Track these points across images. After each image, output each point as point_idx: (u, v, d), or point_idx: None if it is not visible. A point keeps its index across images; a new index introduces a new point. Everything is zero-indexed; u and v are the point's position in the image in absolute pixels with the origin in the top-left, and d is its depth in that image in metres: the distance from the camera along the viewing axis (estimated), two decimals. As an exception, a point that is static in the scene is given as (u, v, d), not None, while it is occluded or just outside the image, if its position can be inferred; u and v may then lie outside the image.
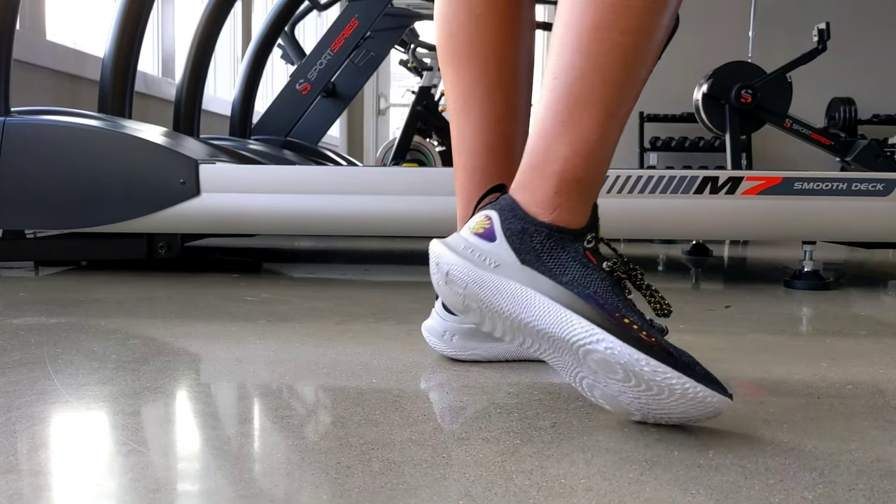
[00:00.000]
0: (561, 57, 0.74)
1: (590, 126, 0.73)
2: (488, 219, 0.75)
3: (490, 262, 0.73)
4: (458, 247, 0.75)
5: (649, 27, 0.73)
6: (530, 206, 0.74)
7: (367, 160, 6.79)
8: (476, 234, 0.75)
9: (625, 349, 0.66)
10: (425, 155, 4.15)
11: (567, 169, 0.73)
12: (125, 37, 2.00)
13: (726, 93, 3.13)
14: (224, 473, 0.60)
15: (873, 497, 0.57)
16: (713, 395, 0.66)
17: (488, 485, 0.58)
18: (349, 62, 3.13)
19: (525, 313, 0.71)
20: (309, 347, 1.04)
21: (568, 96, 0.73)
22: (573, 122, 0.73)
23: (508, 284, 0.72)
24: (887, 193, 1.67)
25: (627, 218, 1.68)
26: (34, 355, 0.96)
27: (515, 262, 0.73)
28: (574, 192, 0.74)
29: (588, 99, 0.73)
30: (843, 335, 1.20)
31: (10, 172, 1.66)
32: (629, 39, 0.72)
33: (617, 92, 0.73)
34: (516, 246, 0.73)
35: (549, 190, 0.74)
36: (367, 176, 1.72)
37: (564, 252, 0.72)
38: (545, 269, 0.72)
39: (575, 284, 0.71)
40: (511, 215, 0.74)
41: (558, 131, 0.74)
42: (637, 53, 0.73)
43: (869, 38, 6.32)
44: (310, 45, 3.26)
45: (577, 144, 0.73)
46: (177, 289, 1.54)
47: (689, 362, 0.67)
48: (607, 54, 0.72)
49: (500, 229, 0.74)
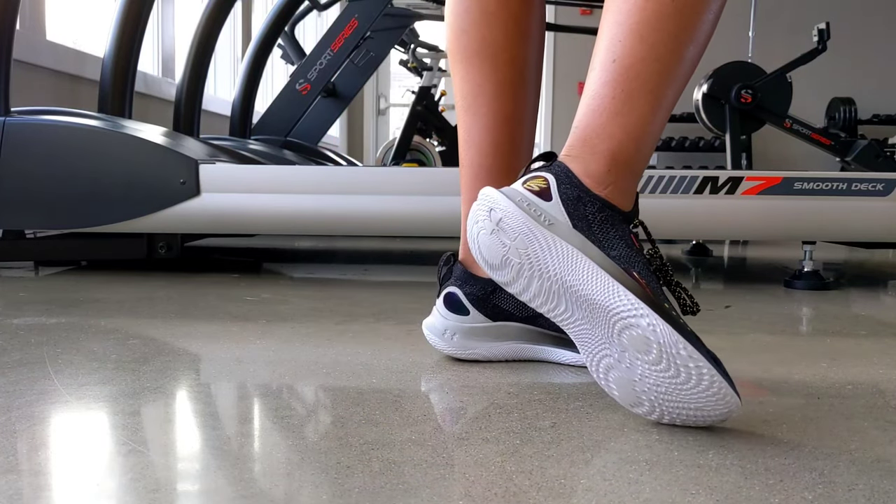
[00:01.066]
0: (620, 44, 0.75)
1: (644, 111, 0.75)
2: (545, 180, 0.75)
3: (545, 218, 0.74)
4: (515, 197, 0.75)
5: (702, 24, 0.75)
6: (584, 177, 0.75)
7: (367, 160, 6.79)
8: (531, 191, 0.75)
9: (667, 328, 0.66)
10: (425, 155, 4.15)
11: (620, 150, 0.75)
12: (125, 37, 2.00)
13: (726, 93, 3.13)
14: (224, 473, 0.60)
15: (873, 497, 0.57)
16: (732, 395, 0.67)
17: (488, 485, 0.58)
18: (349, 62, 3.13)
19: (572, 276, 0.71)
20: (309, 347, 1.04)
21: (627, 80, 0.75)
22: (630, 106, 0.75)
23: (560, 244, 0.72)
24: (887, 193, 1.67)
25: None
26: (34, 355, 0.96)
27: (568, 224, 0.73)
28: (624, 173, 0.75)
29: (645, 85, 0.74)
30: (843, 335, 1.20)
31: (10, 172, 1.66)
32: (686, 34, 0.74)
33: (671, 82, 0.75)
34: (571, 210, 0.74)
35: (602, 166, 0.75)
36: (367, 176, 1.72)
37: (613, 228, 0.73)
38: (595, 239, 0.73)
39: (622, 260, 0.71)
40: (567, 182, 0.75)
41: (615, 111, 0.75)
42: (692, 46, 0.75)
43: (869, 38, 6.32)
44: (310, 45, 3.26)
45: (630, 127, 0.75)
46: (177, 289, 1.54)
47: (717, 359, 0.68)
48: (667, 44, 0.74)
49: (557, 192, 0.75)
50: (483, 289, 0.94)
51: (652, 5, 0.74)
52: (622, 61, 0.75)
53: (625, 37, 0.75)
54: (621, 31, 0.75)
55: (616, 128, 0.75)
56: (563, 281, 0.72)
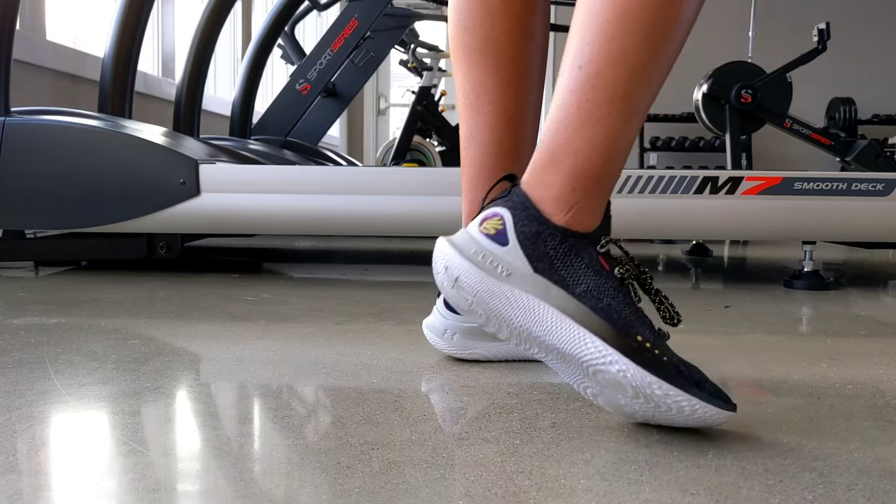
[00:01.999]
0: (588, 46, 0.71)
1: (612, 120, 0.71)
2: (501, 220, 0.72)
3: (502, 269, 0.71)
4: (469, 250, 0.72)
5: (675, 20, 0.71)
6: (545, 204, 0.72)
7: (367, 160, 6.79)
8: (487, 235, 0.72)
9: (637, 372, 0.65)
10: (425, 155, 4.15)
11: (586, 165, 0.71)
12: (125, 37, 2.00)
13: (726, 93, 3.13)
14: (224, 473, 0.60)
15: (873, 497, 0.57)
16: (719, 412, 0.66)
17: (488, 485, 0.58)
18: (349, 62, 3.13)
19: (536, 327, 0.69)
20: (309, 347, 1.04)
21: (593, 87, 0.70)
22: (597, 115, 0.71)
23: (521, 296, 0.70)
24: (887, 193, 1.67)
25: (627, 218, 1.67)
26: (34, 355, 0.96)
27: (528, 270, 0.70)
28: (591, 190, 0.72)
29: (614, 92, 0.70)
30: (843, 335, 1.20)
31: (10, 172, 1.66)
32: (657, 34, 0.70)
33: (642, 87, 0.71)
34: (529, 252, 0.71)
35: (565, 187, 0.71)
36: (367, 176, 1.72)
37: (578, 259, 0.70)
38: (559, 279, 0.70)
39: (589, 296, 0.69)
40: (525, 215, 0.72)
41: (580, 123, 0.71)
42: (666, 47, 0.71)
43: (869, 38, 6.32)
44: (310, 45, 3.26)
45: (598, 140, 0.71)
46: (177, 289, 1.54)
47: (699, 379, 0.67)
48: (637, 47, 0.70)
49: (513, 232, 0.72)
50: None
51: (619, 7, 0.70)
52: (589, 67, 0.71)
53: (592, 38, 0.71)
54: (589, 31, 0.71)
55: (582, 141, 0.71)
56: (529, 332, 0.70)
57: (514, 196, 0.73)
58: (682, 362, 0.68)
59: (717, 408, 0.66)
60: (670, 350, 0.69)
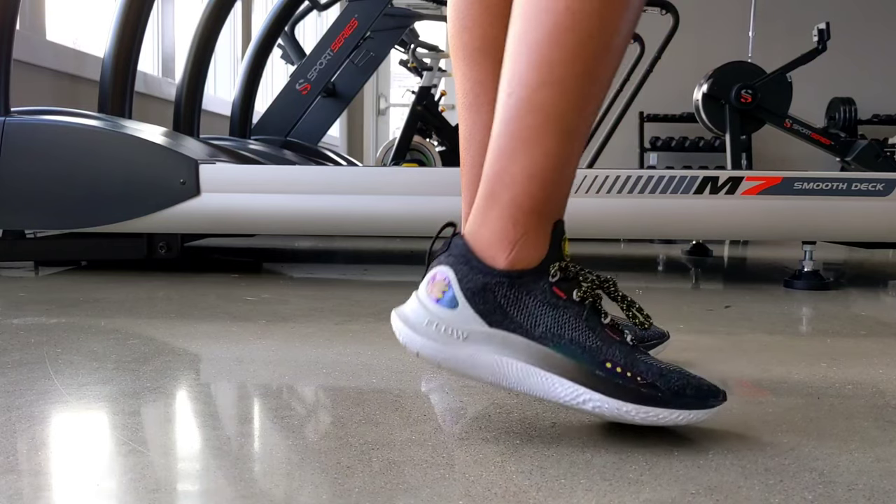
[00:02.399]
0: (516, 69, 0.68)
1: (548, 146, 0.67)
2: (446, 281, 0.69)
3: (458, 334, 0.68)
4: (422, 322, 0.69)
5: (610, 32, 0.67)
6: (486, 248, 0.69)
7: (367, 160, 6.79)
8: (436, 300, 0.69)
9: (612, 404, 0.66)
10: (425, 155, 4.14)
11: (525, 196, 0.68)
12: (125, 37, 2.00)
13: (726, 93, 3.13)
14: (224, 473, 0.60)
15: (873, 497, 0.57)
16: (703, 414, 0.67)
17: (488, 485, 0.58)
18: (349, 62, 3.13)
19: (506, 381, 0.69)
20: (309, 347, 1.04)
21: (525, 113, 0.67)
22: (532, 141, 0.67)
23: (482, 356, 0.68)
24: (887, 193, 1.67)
25: (627, 218, 1.68)
26: (34, 355, 0.96)
27: (484, 327, 0.68)
28: (533, 223, 0.69)
29: (548, 114, 0.67)
30: (843, 335, 1.20)
31: (10, 172, 1.66)
32: (590, 47, 0.66)
33: (577, 106, 0.68)
34: (480, 308, 0.68)
35: (506, 223, 0.68)
36: (367, 176, 1.72)
37: (531, 298, 0.68)
38: (516, 327, 0.68)
39: (550, 337, 0.67)
40: (468, 269, 0.69)
41: (515, 152, 0.68)
42: (599, 63, 0.67)
43: (869, 38, 6.32)
44: (310, 45, 3.26)
45: (535, 169, 0.68)
46: (177, 289, 1.54)
47: (677, 387, 0.67)
48: (567, 63, 0.66)
49: (460, 291, 0.68)
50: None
51: (548, 18, 0.66)
52: (519, 92, 0.67)
53: (521, 62, 0.67)
54: (518, 56, 0.68)
55: (519, 171, 0.68)
56: (501, 385, 0.69)
57: (454, 249, 0.70)
58: (658, 372, 0.67)
59: (698, 410, 0.67)
60: (644, 361, 0.68)
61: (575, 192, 1.67)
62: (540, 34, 0.66)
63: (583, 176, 1.67)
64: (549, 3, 0.66)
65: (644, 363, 0.68)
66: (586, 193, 1.67)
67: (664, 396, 0.66)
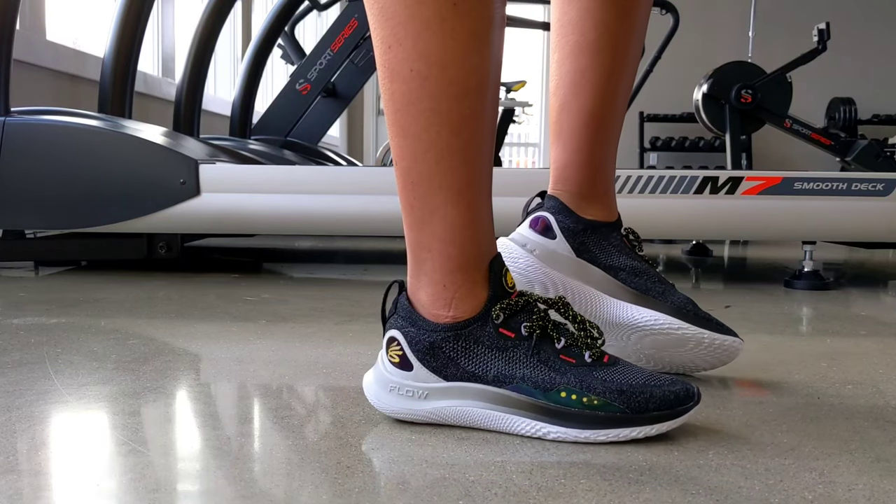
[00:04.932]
0: (394, 143, 0.69)
1: (446, 210, 0.68)
2: (398, 345, 0.71)
3: (420, 393, 0.70)
4: (385, 388, 0.72)
5: (462, 90, 0.66)
6: (427, 307, 0.70)
7: (367, 160, 6.79)
8: (394, 365, 0.71)
9: (571, 432, 0.67)
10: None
11: (444, 259, 0.69)
12: (125, 37, 2.00)
13: (726, 93, 3.13)
14: (224, 473, 0.60)
15: (873, 497, 0.57)
16: (672, 423, 0.68)
17: (488, 485, 0.58)
18: (349, 62, 3.13)
19: (473, 424, 0.70)
20: (309, 347, 1.04)
21: (413, 184, 0.68)
22: (428, 209, 0.68)
23: (446, 410, 0.70)
24: (887, 193, 1.67)
25: (627, 218, 1.67)
26: (34, 355, 0.96)
27: (440, 383, 0.69)
28: (461, 279, 0.69)
29: (431, 183, 0.67)
30: (843, 335, 1.20)
31: (10, 172, 1.66)
32: (445, 106, 0.65)
33: (457, 165, 0.67)
34: (433, 366, 0.69)
35: (437, 286, 0.70)
36: (367, 176, 1.72)
37: (479, 345, 0.69)
38: (470, 376, 0.69)
39: (503, 379, 0.68)
40: (415, 331, 0.70)
41: (418, 221, 0.69)
42: (462, 116, 0.66)
43: (869, 38, 6.33)
44: (310, 45, 3.26)
45: (442, 232, 0.68)
46: (177, 289, 1.54)
47: (639, 404, 0.67)
48: (429, 128, 0.66)
49: (412, 353, 0.70)
50: None
51: (399, 87, 0.66)
52: (400, 164, 0.68)
53: (393, 135, 0.68)
54: (390, 129, 0.68)
55: (430, 238, 0.69)
56: (472, 426, 0.70)
57: (400, 310, 0.72)
58: (618, 390, 0.67)
59: (667, 421, 0.68)
60: (603, 379, 0.68)
61: (575, 192, 1.67)
62: (399, 108, 0.67)
63: (583, 176, 1.66)
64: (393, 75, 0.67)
65: (602, 382, 0.68)
66: (586, 193, 1.66)
67: (625, 416, 0.67)
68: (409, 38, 0.65)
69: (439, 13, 0.64)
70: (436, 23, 0.64)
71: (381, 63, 0.67)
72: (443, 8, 0.64)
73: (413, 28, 0.64)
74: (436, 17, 0.64)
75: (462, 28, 0.65)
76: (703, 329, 0.85)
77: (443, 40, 0.64)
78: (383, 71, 0.67)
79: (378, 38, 0.67)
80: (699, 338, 0.84)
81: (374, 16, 0.67)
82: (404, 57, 0.65)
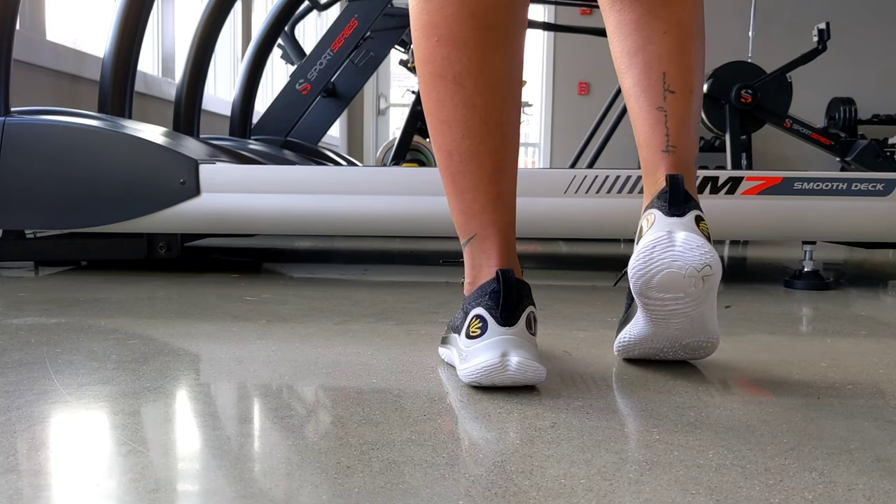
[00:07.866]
0: None
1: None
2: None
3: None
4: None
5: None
6: None
7: (367, 160, 6.79)
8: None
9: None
10: (425, 155, 4.14)
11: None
12: (125, 37, 2.00)
13: (726, 93, 3.13)
14: (224, 473, 0.60)
15: (873, 497, 0.57)
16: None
17: (488, 485, 0.58)
18: (349, 62, 3.13)
19: None
20: (309, 347, 1.04)
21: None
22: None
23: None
24: (887, 193, 1.67)
25: (628, 218, 1.67)
26: (34, 355, 0.96)
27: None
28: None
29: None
30: (843, 335, 1.20)
31: (10, 172, 1.66)
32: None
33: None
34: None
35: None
36: (367, 176, 1.72)
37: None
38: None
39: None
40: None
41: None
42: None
43: (869, 38, 6.32)
44: (310, 45, 3.26)
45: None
46: (177, 289, 1.54)
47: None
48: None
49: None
50: None
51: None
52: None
53: None
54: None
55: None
56: None
57: None
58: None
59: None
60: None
61: (575, 192, 1.67)
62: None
63: (583, 176, 1.67)
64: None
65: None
66: (586, 193, 1.67)
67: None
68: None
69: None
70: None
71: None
72: None
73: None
74: None
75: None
76: None
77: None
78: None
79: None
80: None
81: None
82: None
